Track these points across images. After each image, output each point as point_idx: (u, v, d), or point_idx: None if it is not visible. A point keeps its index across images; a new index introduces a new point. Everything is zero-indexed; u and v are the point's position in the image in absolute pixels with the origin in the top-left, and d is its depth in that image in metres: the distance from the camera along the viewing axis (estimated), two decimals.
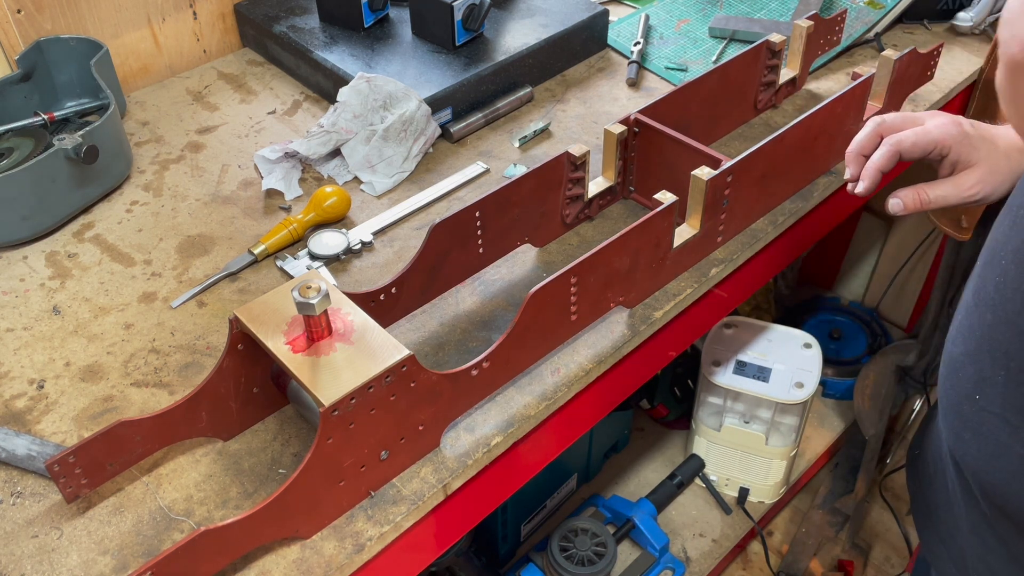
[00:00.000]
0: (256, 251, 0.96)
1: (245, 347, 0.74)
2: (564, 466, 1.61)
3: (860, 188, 0.88)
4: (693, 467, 1.65)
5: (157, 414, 0.73)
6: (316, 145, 1.05)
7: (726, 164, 0.90)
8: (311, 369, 0.68)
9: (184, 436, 0.76)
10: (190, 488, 0.76)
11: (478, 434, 0.79)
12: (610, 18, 1.29)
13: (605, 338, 0.87)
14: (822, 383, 1.89)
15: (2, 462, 0.77)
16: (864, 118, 1.06)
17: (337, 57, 1.16)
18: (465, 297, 0.92)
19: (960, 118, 0.86)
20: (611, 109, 1.17)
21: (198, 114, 1.19)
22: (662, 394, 1.74)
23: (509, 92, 1.17)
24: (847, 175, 0.89)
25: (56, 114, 1.10)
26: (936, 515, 0.89)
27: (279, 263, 0.96)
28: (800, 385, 1.52)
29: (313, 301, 0.68)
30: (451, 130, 1.11)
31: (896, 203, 0.86)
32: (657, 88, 1.21)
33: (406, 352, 0.69)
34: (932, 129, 0.85)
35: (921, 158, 0.88)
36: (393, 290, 0.83)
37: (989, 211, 1.43)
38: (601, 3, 1.32)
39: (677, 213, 0.86)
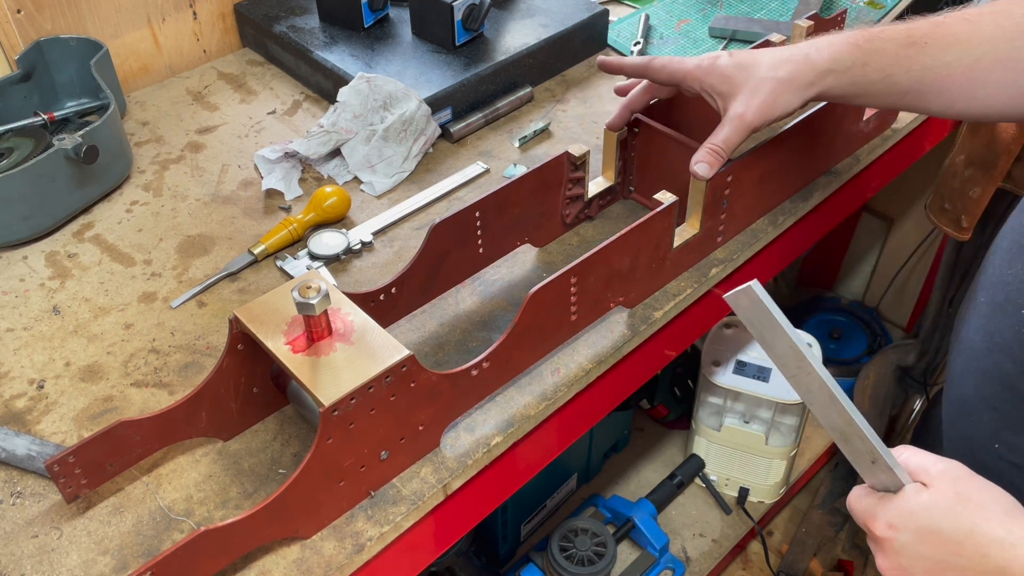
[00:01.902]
0: (256, 251, 0.96)
1: (245, 347, 0.74)
2: (564, 466, 1.61)
3: (611, 120, 0.94)
4: (693, 467, 1.65)
5: (157, 414, 0.73)
6: (316, 145, 1.04)
7: (726, 164, 0.89)
8: (311, 369, 0.68)
9: (184, 436, 0.76)
10: (190, 488, 0.76)
11: (478, 434, 0.79)
12: (610, 18, 1.29)
13: (605, 338, 0.87)
14: None
15: (2, 462, 0.77)
16: (864, 118, 1.06)
17: (337, 57, 1.16)
18: (465, 297, 0.92)
19: (720, 52, 0.85)
20: (611, 109, 1.17)
21: (198, 114, 1.19)
22: (662, 394, 1.74)
23: (509, 92, 1.17)
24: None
25: (56, 114, 1.10)
26: None
27: (279, 263, 0.96)
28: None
29: (313, 301, 0.68)
30: (451, 130, 1.11)
31: (700, 166, 0.84)
32: None
33: (406, 352, 0.69)
34: (686, 60, 0.86)
35: (675, 86, 0.89)
36: (393, 290, 0.83)
37: (989, 211, 1.44)
38: (601, 3, 1.32)
39: (677, 213, 0.86)
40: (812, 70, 0.80)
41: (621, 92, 0.96)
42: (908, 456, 0.61)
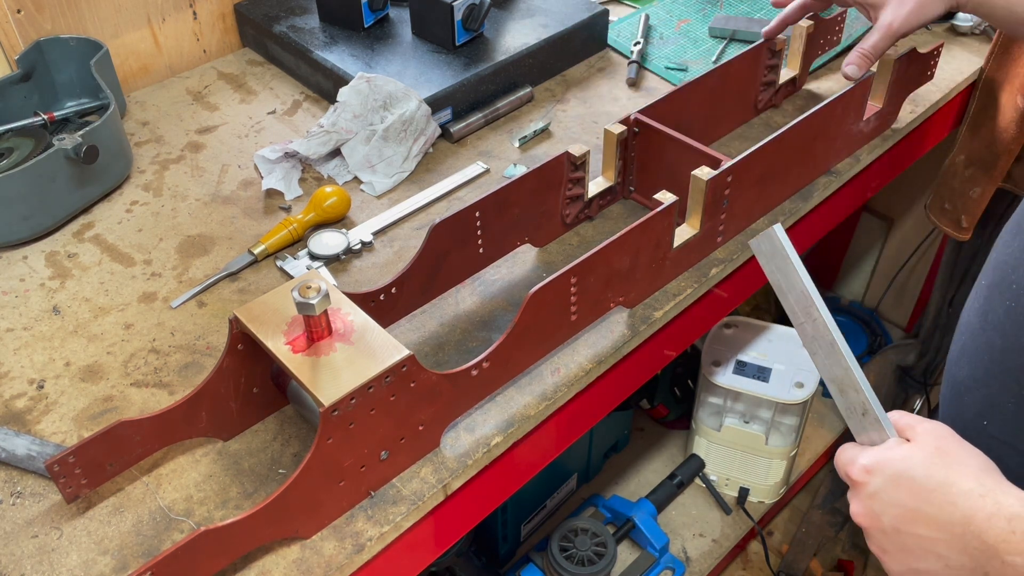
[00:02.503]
0: (256, 251, 0.96)
1: (245, 347, 0.74)
2: (564, 466, 1.61)
3: (767, 28, 1.06)
4: (693, 467, 1.65)
5: (157, 414, 0.73)
6: (316, 145, 1.04)
7: (726, 164, 0.90)
8: (311, 369, 0.68)
9: (184, 436, 0.76)
10: (190, 488, 0.76)
11: (478, 434, 0.79)
12: (610, 18, 1.29)
13: (605, 338, 0.87)
14: (822, 383, 1.89)
15: (2, 462, 0.77)
16: (864, 118, 1.06)
17: (337, 57, 1.16)
18: (465, 297, 0.92)
19: None
20: (611, 109, 1.17)
21: (198, 114, 1.19)
22: (662, 394, 1.74)
23: (509, 92, 1.17)
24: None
25: (56, 114, 1.09)
26: None
27: (279, 263, 0.96)
28: (800, 385, 1.52)
29: (313, 301, 0.68)
30: (451, 130, 1.11)
31: (851, 68, 0.97)
32: (657, 88, 1.21)
33: (406, 352, 0.69)
34: None
35: (827, 2, 1.04)
36: (393, 290, 0.83)
37: (989, 211, 1.44)
38: (601, 3, 1.32)
39: (677, 213, 0.86)
40: None
41: (779, 4, 1.08)
42: (897, 416, 0.63)
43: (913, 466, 0.59)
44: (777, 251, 0.62)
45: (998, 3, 0.92)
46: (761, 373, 1.54)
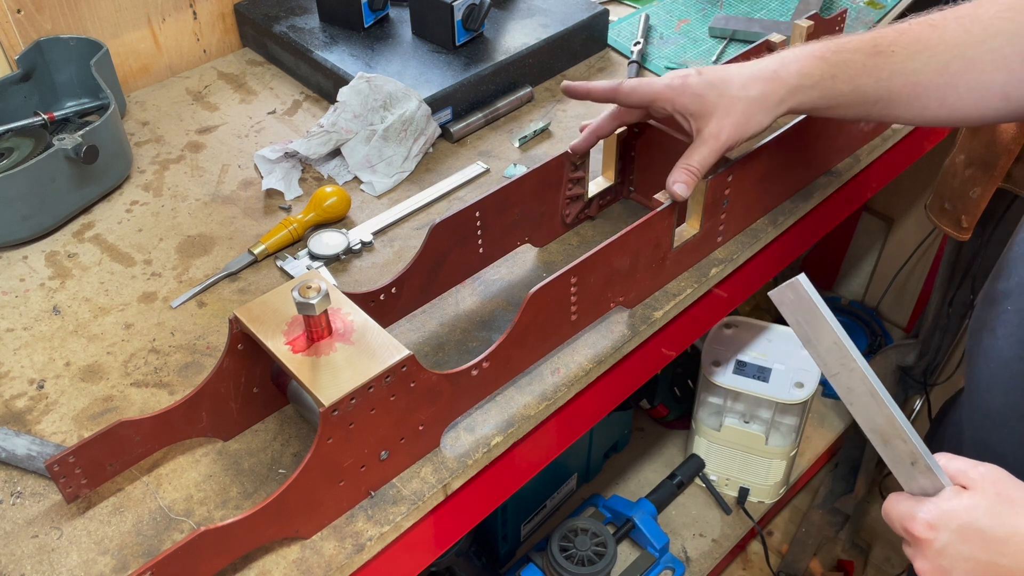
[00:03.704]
0: (256, 251, 0.96)
1: (245, 347, 0.74)
2: (564, 466, 1.61)
3: (576, 143, 0.91)
4: (693, 467, 1.65)
5: (157, 414, 0.73)
6: (316, 145, 1.04)
7: (726, 164, 0.89)
8: (311, 369, 0.68)
9: (184, 436, 0.76)
10: (190, 488, 0.76)
11: (478, 434, 0.79)
12: (610, 18, 1.29)
13: (605, 338, 0.87)
14: (822, 383, 1.89)
15: (2, 462, 0.77)
16: None
17: (337, 57, 1.16)
18: (465, 297, 0.92)
19: (688, 70, 0.83)
20: (611, 109, 1.17)
21: (198, 114, 1.19)
22: (662, 394, 1.74)
23: (509, 92, 1.17)
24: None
25: (56, 114, 1.09)
26: None
27: (279, 263, 0.96)
28: (800, 385, 1.52)
29: (313, 301, 0.68)
30: (451, 130, 1.11)
31: (679, 186, 0.83)
32: None
33: (406, 352, 0.69)
34: (655, 81, 0.84)
35: (644, 108, 0.87)
36: (393, 290, 0.83)
37: (989, 211, 1.43)
38: (601, 3, 1.32)
39: (677, 213, 0.86)
40: (782, 87, 0.80)
41: (585, 129, 0.92)
42: (947, 461, 0.60)
43: (979, 516, 0.57)
44: (803, 302, 0.58)
45: (841, 88, 0.79)
46: (761, 373, 1.54)
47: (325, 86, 1.18)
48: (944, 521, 0.58)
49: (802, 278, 0.57)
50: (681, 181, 0.82)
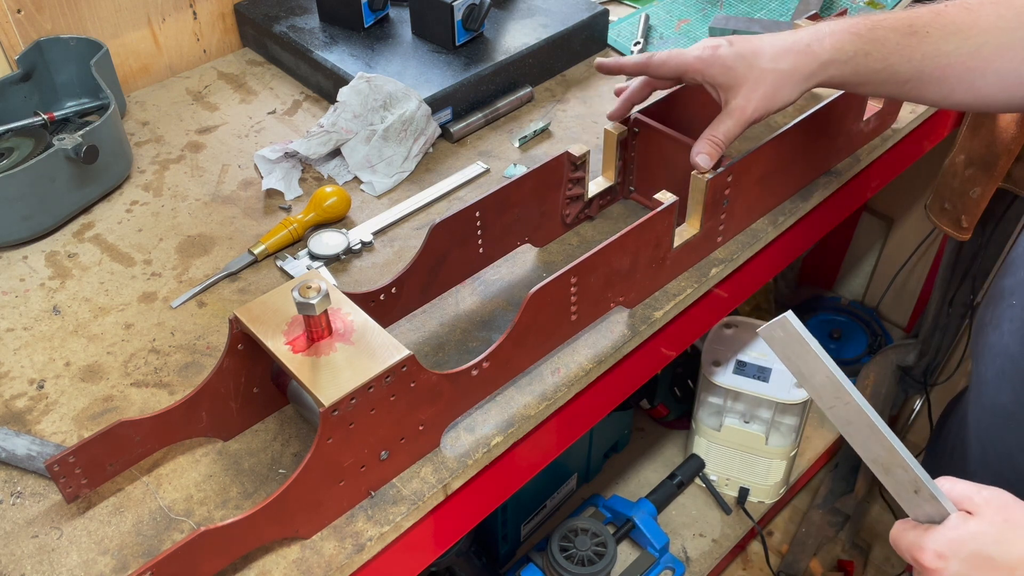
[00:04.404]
0: (256, 251, 0.96)
1: (245, 347, 0.74)
2: (564, 466, 1.61)
3: (612, 111, 0.94)
4: (693, 467, 1.65)
5: (157, 414, 0.73)
6: (316, 145, 1.04)
7: (726, 164, 0.90)
8: (311, 369, 0.68)
9: (184, 436, 0.76)
10: (190, 488, 0.76)
11: (478, 434, 0.79)
12: (610, 18, 1.29)
13: (605, 338, 0.87)
14: None
15: (2, 462, 0.77)
16: (864, 117, 1.06)
17: (337, 57, 1.16)
18: (465, 297, 0.92)
19: (720, 40, 0.84)
20: (611, 109, 1.17)
21: (198, 114, 1.19)
22: (662, 394, 1.74)
23: (509, 92, 1.17)
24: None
25: (56, 114, 1.09)
26: None
27: (279, 263, 0.96)
28: (799, 384, 1.52)
29: (313, 301, 0.68)
30: (451, 130, 1.11)
31: (701, 157, 0.84)
32: None
33: (406, 352, 0.69)
34: (686, 52, 0.85)
35: (676, 80, 0.88)
36: (393, 290, 0.83)
37: (989, 211, 1.44)
38: (601, 3, 1.32)
39: (677, 213, 0.86)
40: (814, 60, 0.80)
41: (619, 93, 0.95)
42: (950, 486, 0.60)
43: (987, 544, 0.57)
44: (792, 338, 0.57)
45: (873, 66, 0.79)
46: (761, 373, 1.54)
47: (325, 86, 1.18)
48: (953, 550, 0.58)
49: (790, 315, 0.57)
50: (704, 152, 0.84)
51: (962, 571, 0.57)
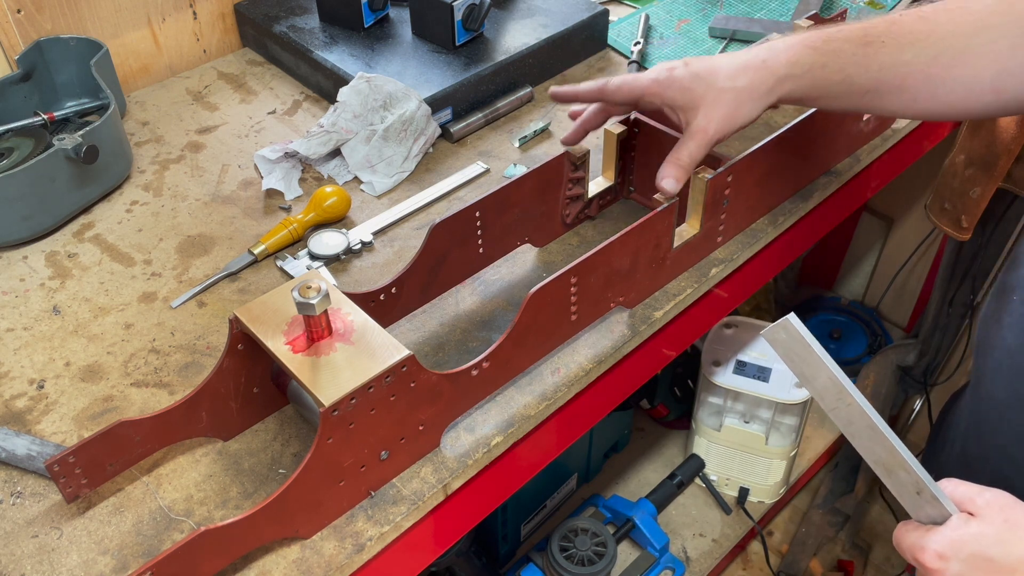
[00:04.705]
0: (256, 251, 0.96)
1: (245, 347, 0.74)
2: (564, 466, 1.61)
3: (566, 136, 0.90)
4: (693, 467, 1.65)
5: (157, 414, 0.73)
6: (316, 145, 1.05)
7: (726, 164, 0.90)
8: (311, 369, 0.68)
9: (184, 436, 0.76)
10: (190, 488, 0.76)
11: (478, 434, 0.79)
12: (610, 18, 1.29)
13: (605, 338, 0.87)
14: None
15: (2, 462, 0.77)
16: (864, 118, 1.06)
17: (337, 57, 1.16)
18: (465, 297, 0.92)
19: (675, 62, 0.82)
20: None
21: (198, 114, 1.19)
22: (662, 394, 1.74)
23: (509, 92, 1.17)
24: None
25: (56, 114, 1.09)
26: None
27: (279, 263, 0.96)
28: (800, 385, 1.52)
29: (313, 301, 0.68)
30: (451, 130, 1.11)
31: (668, 181, 0.81)
32: None
33: (406, 352, 0.69)
34: (641, 76, 0.83)
35: (633, 104, 0.86)
36: (393, 290, 0.83)
37: (989, 211, 1.44)
38: (601, 3, 1.32)
39: (677, 213, 0.86)
40: (771, 76, 0.79)
41: (574, 117, 0.92)
42: (952, 487, 0.61)
43: (988, 545, 0.57)
44: (795, 340, 0.58)
45: (831, 78, 0.78)
46: (761, 373, 1.54)
47: (325, 86, 1.18)
48: (954, 550, 0.58)
49: (792, 317, 0.57)
50: (671, 176, 0.81)
51: (963, 571, 0.58)
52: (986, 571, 0.57)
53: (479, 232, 0.88)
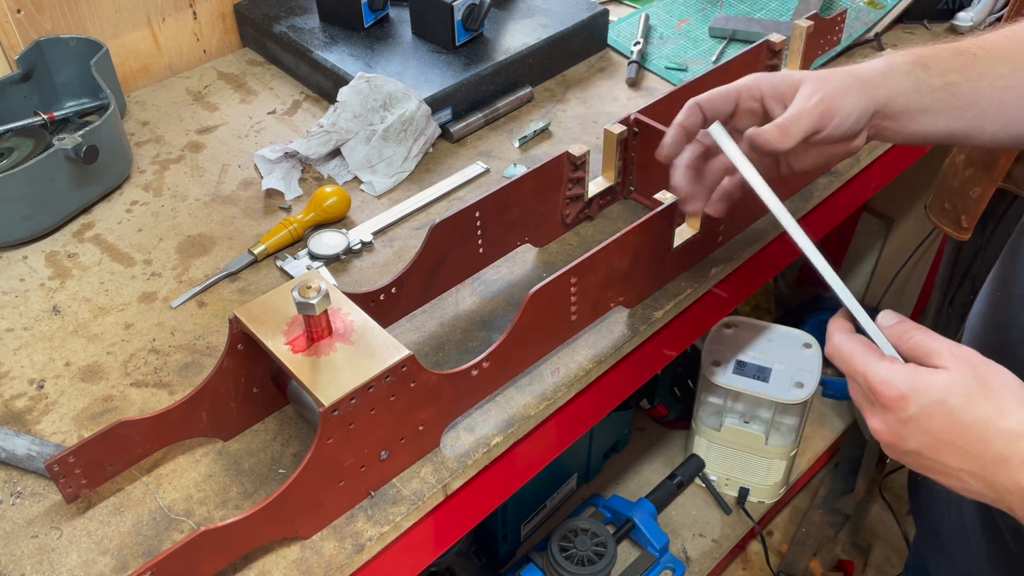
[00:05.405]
0: (256, 251, 0.96)
1: (245, 347, 0.74)
2: (564, 466, 1.61)
3: (660, 152, 0.79)
4: (693, 467, 1.65)
5: (157, 414, 0.73)
6: (316, 145, 1.05)
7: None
8: (311, 369, 0.68)
9: (184, 436, 0.76)
10: (190, 488, 0.76)
11: (478, 434, 0.79)
12: (610, 18, 1.29)
13: (605, 338, 0.87)
14: (822, 383, 1.89)
15: (2, 462, 0.77)
16: None
17: (337, 57, 1.16)
18: (465, 297, 0.92)
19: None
20: (611, 109, 1.17)
21: (198, 114, 1.19)
22: (662, 394, 1.74)
23: (509, 92, 1.17)
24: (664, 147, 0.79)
25: (56, 114, 1.10)
26: (945, 544, 0.86)
27: (279, 263, 0.96)
28: (800, 385, 1.52)
29: (313, 301, 0.68)
30: (451, 130, 1.11)
31: (769, 132, 0.74)
32: (657, 88, 1.21)
33: (406, 352, 0.69)
34: (735, 82, 0.77)
35: (733, 108, 0.78)
36: (393, 290, 0.83)
37: (989, 211, 1.43)
38: (601, 3, 1.32)
39: (677, 213, 0.86)
40: (872, 70, 0.73)
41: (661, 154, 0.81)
42: (920, 337, 0.59)
43: (952, 395, 0.55)
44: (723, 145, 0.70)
45: (934, 82, 0.72)
46: (761, 373, 1.54)
47: (325, 86, 1.18)
48: (917, 395, 0.57)
49: (714, 128, 0.71)
50: (771, 130, 0.74)
51: (918, 416, 0.56)
52: (940, 420, 0.56)
53: (479, 232, 0.88)
